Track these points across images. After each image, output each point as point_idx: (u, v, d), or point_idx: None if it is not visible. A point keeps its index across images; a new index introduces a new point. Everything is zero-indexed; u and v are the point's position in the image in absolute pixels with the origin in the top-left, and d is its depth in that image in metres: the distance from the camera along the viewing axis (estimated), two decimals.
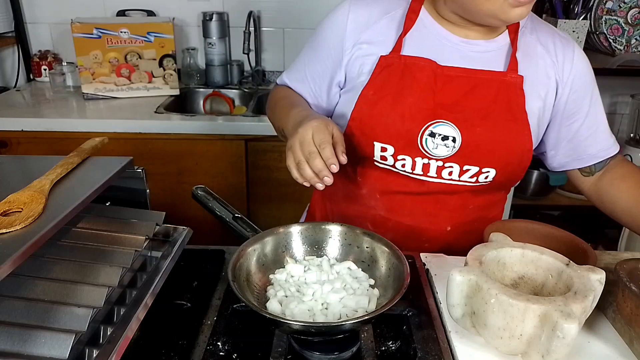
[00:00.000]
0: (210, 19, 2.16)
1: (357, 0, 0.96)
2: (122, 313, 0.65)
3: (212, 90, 2.21)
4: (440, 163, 0.91)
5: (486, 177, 0.93)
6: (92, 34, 1.92)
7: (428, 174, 0.93)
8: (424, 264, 0.92)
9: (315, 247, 0.86)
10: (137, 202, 0.85)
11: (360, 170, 1.00)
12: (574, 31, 1.92)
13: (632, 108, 2.30)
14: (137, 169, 0.83)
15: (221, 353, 0.70)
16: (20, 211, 0.61)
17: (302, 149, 0.80)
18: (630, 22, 2.06)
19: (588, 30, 1.96)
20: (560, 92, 0.95)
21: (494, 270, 0.75)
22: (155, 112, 1.87)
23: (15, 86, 2.25)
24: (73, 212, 0.64)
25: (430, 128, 0.89)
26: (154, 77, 2.04)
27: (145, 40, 1.98)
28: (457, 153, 0.90)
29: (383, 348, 0.75)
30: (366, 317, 0.67)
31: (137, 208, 0.84)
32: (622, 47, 2.08)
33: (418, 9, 0.93)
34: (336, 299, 0.73)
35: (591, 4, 2.02)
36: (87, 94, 1.99)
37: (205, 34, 2.20)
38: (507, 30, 0.94)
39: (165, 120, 1.80)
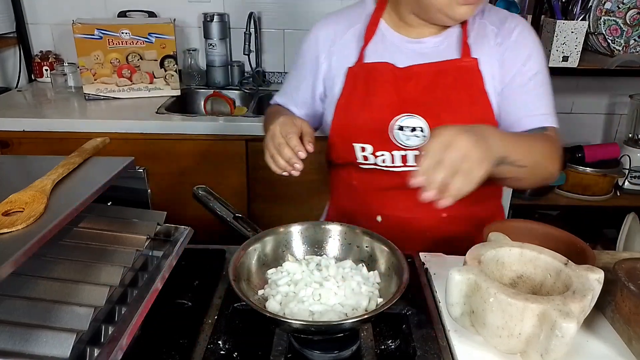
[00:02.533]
0: (211, 20, 2.16)
1: (324, 20, 1.09)
2: (123, 312, 0.65)
3: (212, 90, 2.21)
4: (416, 152, 0.98)
5: None
6: (93, 35, 1.92)
7: (407, 164, 1.00)
8: (423, 263, 0.92)
9: (316, 247, 0.86)
10: (139, 202, 0.85)
11: (351, 174, 1.08)
12: (572, 32, 1.92)
13: (630, 108, 2.30)
14: (138, 169, 0.83)
15: (222, 352, 0.70)
16: (22, 211, 0.61)
17: (272, 142, 0.89)
18: (629, 22, 2.06)
19: (587, 31, 1.96)
20: (506, 65, 0.97)
21: (492, 270, 0.75)
22: (157, 112, 1.88)
23: (16, 87, 2.25)
24: (74, 212, 0.65)
25: (398, 122, 0.97)
26: (155, 77, 2.04)
27: (146, 41, 1.98)
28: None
29: (382, 347, 0.75)
30: (366, 316, 0.67)
31: (139, 208, 0.84)
32: (620, 48, 2.08)
33: (377, 21, 1.02)
34: (336, 298, 0.74)
35: (590, 4, 2.02)
36: (89, 94, 1.99)
37: (206, 34, 2.20)
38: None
39: (167, 121, 1.81)
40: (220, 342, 0.71)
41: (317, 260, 0.83)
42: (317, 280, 0.77)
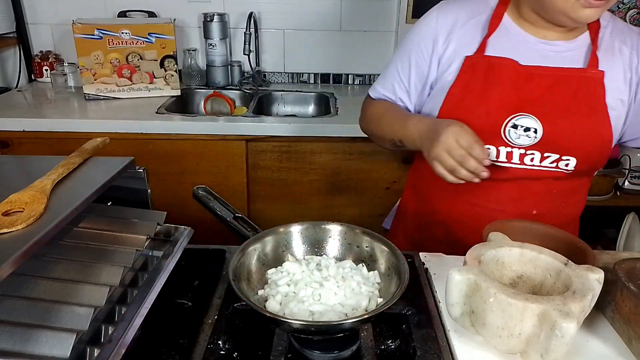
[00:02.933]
0: (211, 20, 2.16)
1: (445, 5, 1.05)
2: (123, 312, 0.65)
3: (212, 90, 2.21)
4: (522, 151, 0.99)
5: (566, 165, 0.99)
6: (93, 35, 1.92)
7: (512, 161, 1.00)
8: (423, 263, 0.92)
9: (316, 247, 0.86)
10: (139, 202, 0.85)
11: None
12: None
13: None
14: (138, 169, 0.83)
15: (222, 352, 0.70)
16: (22, 211, 0.61)
17: (451, 155, 0.88)
18: (629, 22, 2.06)
19: None
20: (637, 83, 0.99)
21: (492, 270, 0.75)
22: (157, 112, 1.88)
23: (16, 87, 2.25)
24: (74, 212, 0.65)
25: (513, 121, 0.97)
26: (155, 77, 2.04)
27: (146, 41, 1.98)
28: (538, 142, 0.97)
29: (382, 347, 0.75)
30: (366, 316, 0.67)
31: (139, 208, 0.84)
32: None
33: (501, 15, 1.01)
34: (336, 298, 0.74)
35: None
36: (89, 94, 1.99)
37: (206, 35, 2.20)
38: (587, 32, 0.99)
39: (167, 121, 1.81)
40: (220, 342, 0.71)
41: (317, 260, 0.83)
42: (317, 280, 0.77)
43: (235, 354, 0.71)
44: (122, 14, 2.20)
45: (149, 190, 0.86)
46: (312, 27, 2.30)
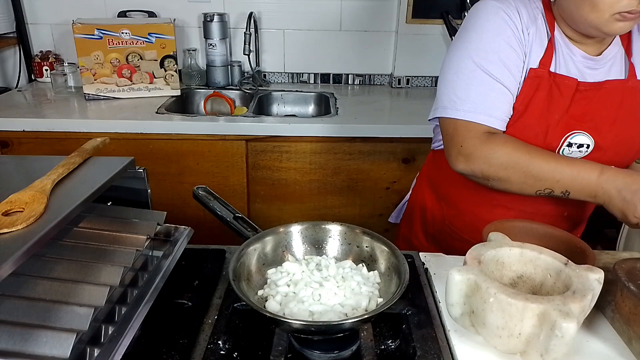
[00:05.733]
0: (211, 20, 2.16)
1: (503, 6, 0.92)
2: (123, 312, 0.65)
3: (212, 90, 2.21)
4: None
5: None
6: (93, 35, 1.92)
7: None
8: (423, 263, 0.92)
9: (316, 247, 0.86)
10: (139, 202, 0.85)
11: None
12: None
13: None
14: (138, 169, 0.83)
15: (222, 352, 0.70)
16: (22, 211, 0.61)
17: None
18: None
19: None
20: None
21: (492, 270, 0.75)
22: (157, 112, 1.88)
23: (16, 86, 2.25)
24: (74, 212, 0.65)
25: (569, 139, 0.96)
26: (155, 77, 2.04)
27: (146, 41, 1.98)
28: (588, 155, 0.98)
29: (382, 347, 0.75)
30: (366, 316, 0.67)
31: (139, 208, 0.84)
32: None
33: (553, 26, 0.95)
34: (336, 298, 0.74)
35: None
36: (89, 94, 1.99)
37: (206, 34, 2.20)
38: (618, 39, 0.98)
39: (167, 121, 1.81)
40: (220, 342, 0.71)
41: (317, 260, 0.83)
42: (317, 280, 0.77)
43: (235, 354, 0.71)
44: (122, 14, 2.20)
45: (149, 190, 0.86)
46: (312, 27, 2.30)
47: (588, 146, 0.97)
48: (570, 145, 0.96)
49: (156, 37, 1.98)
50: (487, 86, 0.92)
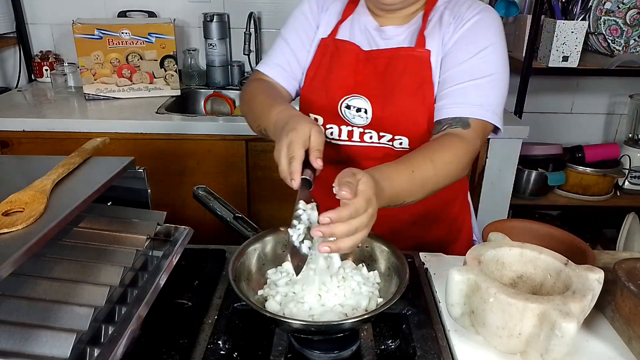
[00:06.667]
0: (211, 20, 2.16)
1: None
2: (123, 312, 0.65)
3: (212, 90, 2.21)
4: (361, 130, 1.02)
5: (400, 144, 1.01)
6: (93, 35, 1.92)
7: (352, 139, 1.04)
8: (423, 263, 0.92)
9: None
10: (139, 202, 0.85)
11: None
12: (572, 32, 1.92)
13: (630, 108, 2.31)
14: (138, 169, 0.83)
15: (222, 352, 0.70)
16: (22, 211, 0.61)
17: (280, 154, 0.83)
18: (629, 22, 2.06)
19: (587, 31, 1.96)
20: (450, 56, 0.96)
21: (492, 270, 0.75)
22: (157, 112, 1.88)
23: (16, 86, 2.25)
24: (74, 212, 0.65)
25: (347, 101, 1.01)
26: (155, 77, 2.04)
27: (146, 41, 1.98)
28: (371, 123, 1.01)
29: (382, 347, 0.75)
30: (366, 316, 0.67)
31: (139, 208, 0.84)
32: (620, 48, 2.08)
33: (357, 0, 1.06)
34: (336, 298, 0.74)
35: (590, 4, 2.02)
36: (89, 94, 1.99)
37: (206, 34, 2.20)
38: (422, 13, 1.01)
39: (167, 121, 1.81)
40: (220, 342, 0.71)
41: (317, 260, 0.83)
42: (317, 280, 0.77)
43: (235, 354, 0.71)
44: (122, 14, 2.20)
45: (149, 190, 0.86)
46: None
47: (366, 111, 1.00)
48: (348, 107, 1.01)
49: (156, 37, 1.98)
50: (278, 46, 1.11)
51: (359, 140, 1.03)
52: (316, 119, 1.04)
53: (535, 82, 2.18)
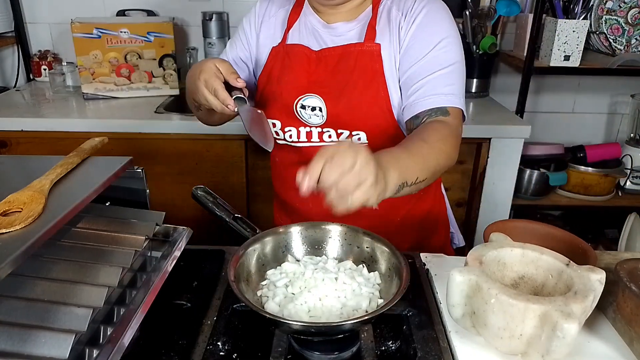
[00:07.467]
0: (210, 19, 2.16)
1: (260, 1, 1.12)
2: (122, 313, 0.65)
3: None
4: (319, 129, 1.04)
5: (359, 139, 1.02)
6: (92, 34, 1.91)
7: (311, 140, 1.05)
8: (424, 264, 0.92)
9: (316, 247, 0.86)
10: (137, 202, 0.85)
11: (274, 150, 1.09)
12: (574, 31, 1.91)
13: (632, 108, 2.30)
14: (136, 169, 0.83)
15: (221, 353, 0.70)
16: (20, 211, 0.61)
17: (201, 93, 0.92)
18: (630, 22, 2.05)
19: (588, 30, 1.96)
20: (410, 51, 0.97)
21: (494, 270, 0.75)
22: (155, 112, 1.87)
23: (15, 86, 2.25)
24: (73, 212, 0.64)
25: (301, 101, 1.02)
26: (154, 77, 2.04)
27: (145, 40, 1.97)
28: (327, 121, 1.02)
29: (383, 348, 0.75)
30: (366, 317, 0.67)
31: (137, 208, 0.84)
32: (622, 47, 2.08)
33: (302, 2, 1.07)
34: (336, 299, 0.73)
35: (591, 3, 2.02)
36: (87, 93, 1.99)
37: (205, 33, 2.19)
38: (370, 7, 1.02)
39: (165, 120, 1.80)
40: (219, 343, 0.71)
41: (317, 261, 0.83)
42: (317, 280, 0.77)
43: (235, 355, 0.70)
44: (121, 13, 2.20)
45: (148, 190, 0.85)
46: None
47: (321, 109, 1.01)
48: (304, 107, 1.02)
49: (155, 36, 1.98)
50: (229, 53, 1.14)
51: (318, 140, 1.04)
52: (274, 124, 1.06)
53: (537, 81, 2.17)
